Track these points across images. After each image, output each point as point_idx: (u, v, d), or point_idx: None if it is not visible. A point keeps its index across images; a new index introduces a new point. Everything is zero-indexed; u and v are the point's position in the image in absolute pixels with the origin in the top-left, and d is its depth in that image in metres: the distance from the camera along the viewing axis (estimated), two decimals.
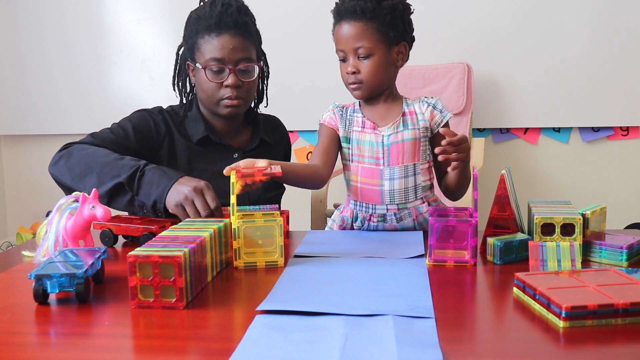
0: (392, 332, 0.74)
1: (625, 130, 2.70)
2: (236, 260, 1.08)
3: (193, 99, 1.59)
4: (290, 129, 1.78)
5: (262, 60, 1.59)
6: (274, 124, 1.70)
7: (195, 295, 0.93)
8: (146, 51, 2.90)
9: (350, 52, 1.32)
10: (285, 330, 0.76)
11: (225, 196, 1.20)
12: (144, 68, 2.92)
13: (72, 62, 2.94)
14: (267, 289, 0.94)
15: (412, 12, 1.36)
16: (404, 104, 1.39)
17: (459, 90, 2.57)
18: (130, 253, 0.87)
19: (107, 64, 2.95)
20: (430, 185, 1.40)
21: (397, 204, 1.34)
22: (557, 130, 2.74)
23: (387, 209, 1.35)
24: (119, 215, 1.33)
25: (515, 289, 0.90)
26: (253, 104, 1.64)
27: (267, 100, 1.66)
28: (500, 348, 0.73)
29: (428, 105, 1.38)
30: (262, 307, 0.84)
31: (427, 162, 1.39)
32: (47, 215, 1.14)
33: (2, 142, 3.11)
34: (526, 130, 2.75)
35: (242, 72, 1.47)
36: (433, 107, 1.37)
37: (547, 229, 1.09)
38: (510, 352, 0.71)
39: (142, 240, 1.21)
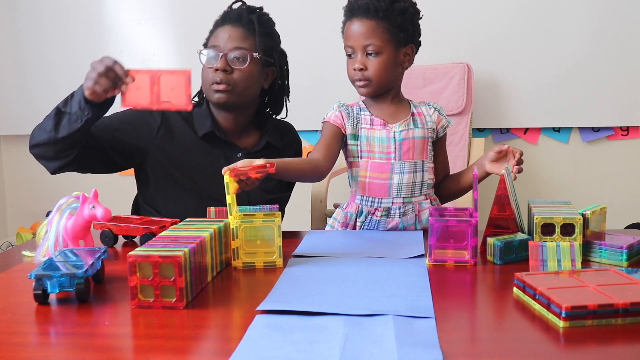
0: (392, 332, 0.74)
1: (625, 130, 2.70)
2: (234, 260, 1.08)
3: (204, 98, 1.60)
4: None
5: (276, 63, 1.58)
6: (286, 129, 1.69)
7: (195, 295, 0.93)
8: (146, 51, 2.89)
9: (359, 49, 1.35)
10: (285, 330, 0.76)
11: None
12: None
13: (72, 62, 2.94)
14: (267, 289, 0.94)
15: (421, 17, 1.40)
16: (411, 105, 1.45)
17: (459, 90, 2.56)
18: (130, 253, 0.87)
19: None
20: (433, 184, 1.45)
21: (403, 198, 1.37)
22: (557, 130, 2.73)
23: (392, 202, 1.37)
24: (119, 215, 1.33)
25: (515, 289, 0.90)
26: (270, 109, 1.64)
27: (287, 112, 1.66)
28: (500, 348, 0.73)
29: (434, 109, 1.45)
30: (262, 307, 0.84)
31: (432, 163, 1.44)
32: (47, 215, 1.14)
33: (2, 142, 3.11)
34: (526, 130, 2.75)
35: (233, 60, 1.48)
36: (439, 112, 1.45)
37: (547, 229, 1.09)
38: (510, 352, 0.71)
39: (142, 240, 1.21)
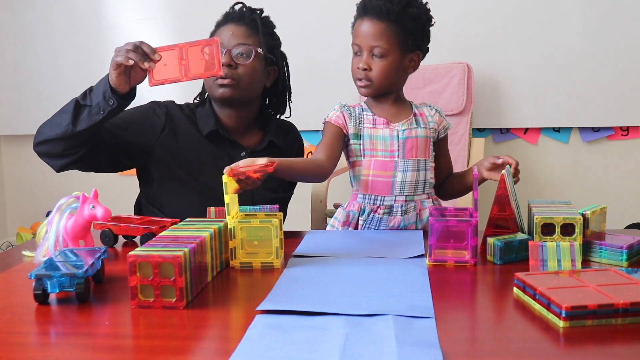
0: (392, 332, 0.74)
1: (625, 130, 2.70)
2: (232, 261, 1.08)
3: (207, 96, 1.61)
4: None
5: (277, 63, 1.60)
6: (288, 128, 1.70)
7: (195, 295, 0.93)
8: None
9: (366, 48, 1.35)
10: (286, 330, 0.76)
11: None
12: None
13: (72, 62, 2.94)
14: (267, 289, 0.94)
15: (432, 24, 1.42)
16: (413, 106, 1.46)
17: (459, 90, 2.56)
18: (130, 253, 0.87)
19: (107, 64, 2.93)
20: (434, 184, 1.46)
21: (406, 196, 1.38)
22: (557, 130, 2.73)
23: (395, 200, 1.37)
24: (119, 215, 1.33)
25: (515, 289, 0.90)
26: (269, 109, 1.64)
27: (290, 111, 1.68)
28: (500, 348, 0.73)
29: (435, 110, 1.47)
30: (262, 307, 0.84)
31: (433, 162, 1.45)
32: (47, 215, 1.14)
33: (2, 142, 3.11)
34: (526, 130, 2.75)
35: (239, 55, 1.49)
36: (439, 113, 1.46)
37: (547, 229, 1.09)
38: (510, 352, 0.71)
39: (142, 240, 1.21)
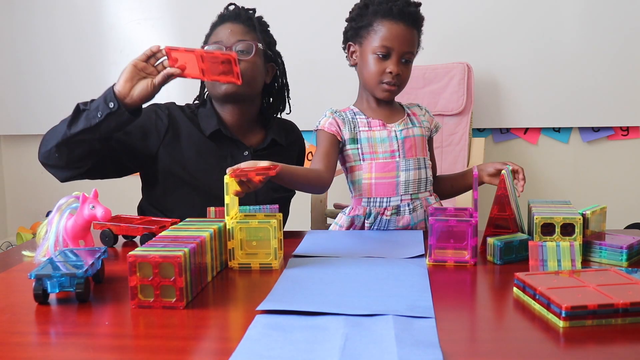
0: (392, 332, 0.74)
1: (625, 130, 2.70)
2: (230, 261, 1.08)
3: (208, 97, 1.61)
4: None
5: (275, 60, 1.60)
6: (289, 127, 1.71)
7: (195, 295, 0.93)
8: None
9: (399, 54, 1.35)
10: (285, 330, 0.76)
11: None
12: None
13: (73, 62, 2.94)
14: (267, 289, 0.94)
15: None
16: (404, 107, 1.47)
17: (459, 90, 2.56)
18: (130, 253, 0.87)
19: (107, 64, 2.94)
20: (432, 181, 1.46)
21: (411, 194, 1.38)
22: (557, 130, 2.73)
23: (401, 200, 1.37)
24: (119, 215, 1.33)
25: (515, 289, 0.90)
26: (269, 107, 1.64)
27: (290, 107, 1.68)
28: (500, 348, 0.73)
29: (425, 110, 1.49)
30: (262, 307, 0.84)
31: (430, 160, 1.46)
32: (47, 215, 1.14)
33: (2, 142, 3.11)
34: (526, 130, 2.74)
35: (240, 51, 1.49)
36: (429, 113, 1.49)
37: (547, 229, 1.09)
38: (510, 352, 0.71)
39: (142, 240, 1.21)
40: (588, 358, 0.71)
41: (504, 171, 1.14)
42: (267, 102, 1.65)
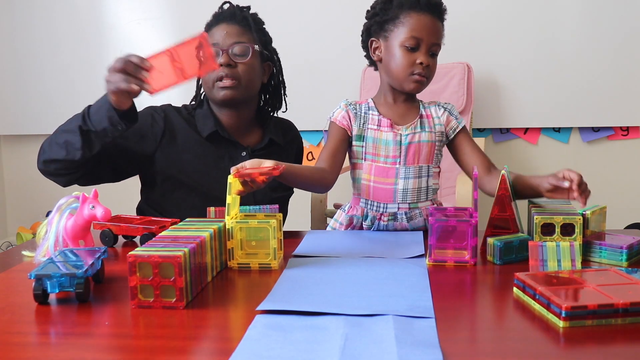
0: (392, 332, 0.74)
1: (625, 130, 2.70)
2: (230, 261, 1.08)
3: (204, 98, 1.61)
4: None
5: (271, 58, 1.60)
6: (287, 126, 1.71)
7: (195, 295, 0.93)
8: (146, 51, 2.88)
9: (428, 45, 1.33)
10: (285, 330, 0.76)
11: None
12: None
13: (73, 62, 2.94)
14: (267, 289, 0.94)
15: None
16: (421, 106, 1.41)
17: (459, 90, 2.56)
18: (130, 253, 0.87)
19: (107, 64, 2.94)
20: (437, 189, 1.42)
21: (409, 203, 1.35)
22: (557, 130, 2.73)
23: (398, 208, 1.35)
24: (119, 215, 1.33)
25: (515, 289, 0.90)
26: (266, 105, 1.65)
27: (286, 106, 1.67)
28: (500, 348, 0.73)
29: (444, 110, 1.41)
30: (262, 307, 0.84)
31: (438, 167, 1.41)
32: (47, 215, 1.14)
33: (2, 142, 3.11)
34: (526, 130, 2.75)
35: (237, 55, 1.49)
36: (449, 113, 1.41)
37: (547, 229, 1.09)
38: (510, 352, 0.71)
39: (142, 240, 1.21)
40: (588, 358, 0.71)
41: (503, 171, 1.14)
42: (264, 100, 1.65)
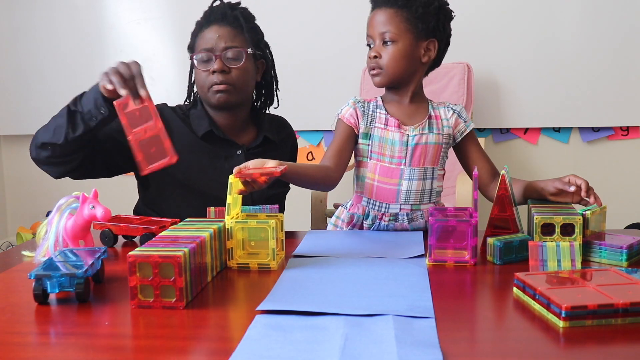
0: (392, 332, 0.74)
1: (625, 130, 2.70)
2: (229, 261, 1.08)
3: (198, 97, 1.60)
4: None
5: (264, 56, 1.59)
6: (280, 123, 1.71)
7: (195, 295, 0.93)
8: (146, 51, 2.89)
9: (377, 37, 1.32)
10: (285, 330, 0.76)
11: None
12: (144, 68, 2.91)
13: (73, 62, 2.94)
14: (267, 289, 0.94)
15: (450, 14, 1.36)
16: (430, 107, 1.39)
17: (459, 90, 2.56)
18: (130, 253, 0.87)
19: (107, 64, 2.93)
20: (441, 191, 1.41)
21: (411, 205, 1.35)
22: (557, 130, 2.74)
23: (400, 209, 1.35)
24: (119, 215, 1.33)
25: (515, 289, 0.90)
26: (260, 103, 1.65)
27: (278, 101, 1.67)
28: (500, 348, 0.73)
29: (453, 112, 1.39)
30: (262, 307, 0.84)
31: (443, 170, 1.40)
32: (47, 215, 1.14)
33: (2, 142, 3.11)
34: (526, 130, 2.75)
35: (229, 59, 1.49)
36: (458, 115, 1.39)
37: (547, 229, 1.09)
38: (510, 352, 0.71)
39: (142, 240, 1.21)
40: (588, 358, 0.71)
41: (503, 171, 1.14)
42: (258, 98, 1.65)
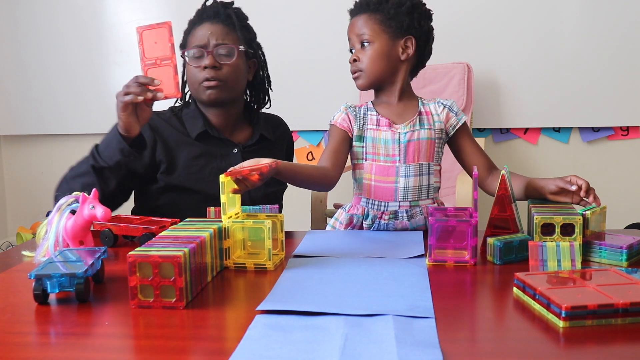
0: (392, 332, 0.74)
1: (625, 130, 2.70)
2: (226, 260, 1.08)
3: (191, 97, 1.60)
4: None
5: (256, 55, 1.60)
6: (276, 122, 1.71)
7: (195, 295, 0.93)
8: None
9: (355, 42, 1.38)
10: (285, 330, 0.76)
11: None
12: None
13: (73, 62, 2.94)
14: (267, 289, 0.94)
15: (427, 12, 1.41)
16: (420, 103, 1.41)
17: (459, 90, 2.57)
18: (130, 253, 0.87)
19: (108, 64, 2.94)
20: (439, 187, 1.42)
21: (410, 201, 1.35)
22: (557, 130, 2.74)
23: (399, 206, 1.35)
24: (119, 215, 1.33)
25: (515, 289, 0.90)
26: (255, 102, 1.64)
27: (270, 101, 1.67)
28: (500, 348, 0.73)
29: (444, 107, 1.40)
30: (262, 307, 0.84)
31: (439, 165, 1.40)
32: (47, 215, 1.14)
33: (2, 142, 3.11)
34: (526, 130, 2.75)
35: (220, 55, 1.49)
36: (449, 109, 1.40)
37: (547, 229, 1.09)
38: (510, 352, 0.71)
39: (142, 240, 1.21)
40: (588, 358, 0.71)
41: (503, 171, 1.14)
42: (251, 97, 1.65)
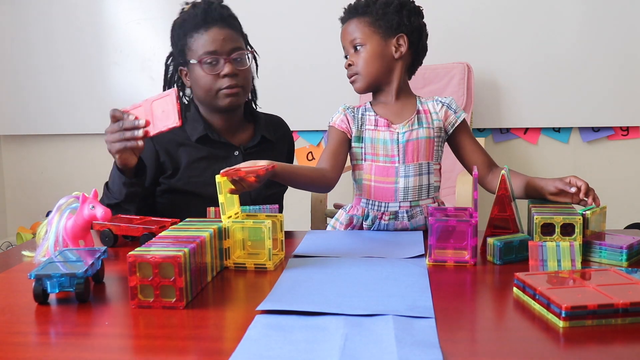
0: (392, 332, 0.74)
1: (625, 130, 2.70)
2: (226, 260, 1.08)
3: (190, 101, 1.59)
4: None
5: (254, 54, 1.60)
6: (277, 122, 1.71)
7: (195, 295, 0.93)
8: (146, 51, 2.89)
9: (349, 47, 1.39)
10: (285, 330, 0.76)
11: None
12: (144, 68, 2.92)
13: (73, 62, 2.94)
14: (267, 289, 0.94)
15: (417, 9, 1.41)
16: (418, 102, 1.41)
17: (459, 90, 2.57)
18: (130, 253, 0.87)
19: (107, 64, 2.95)
20: (439, 186, 1.41)
21: (410, 202, 1.35)
22: (557, 130, 2.74)
23: (399, 206, 1.35)
24: (119, 215, 1.33)
25: (515, 289, 0.90)
26: (254, 101, 1.65)
27: (256, 94, 1.67)
28: (500, 348, 0.73)
29: (442, 105, 1.39)
30: (262, 307, 0.84)
31: (439, 164, 1.40)
32: (47, 215, 1.14)
33: (2, 142, 3.11)
34: (526, 130, 2.75)
35: (236, 62, 1.49)
36: (447, 107, 1.39)
37: (547, 229, 1.09)
38: (510, 352, 0.71)
39: (142, 240, 1.21)
40: (588, 358, 0.71)
41: (503, 171, 1.14)
42: (251, 97, 1.66)
